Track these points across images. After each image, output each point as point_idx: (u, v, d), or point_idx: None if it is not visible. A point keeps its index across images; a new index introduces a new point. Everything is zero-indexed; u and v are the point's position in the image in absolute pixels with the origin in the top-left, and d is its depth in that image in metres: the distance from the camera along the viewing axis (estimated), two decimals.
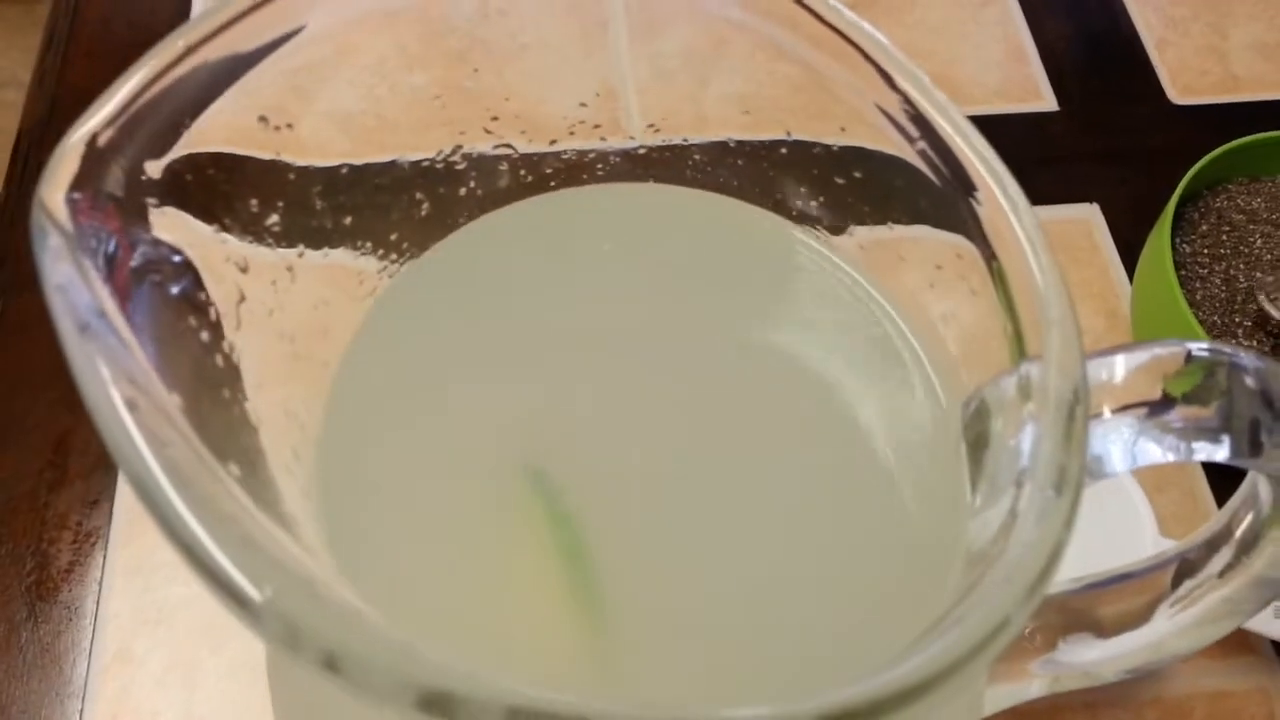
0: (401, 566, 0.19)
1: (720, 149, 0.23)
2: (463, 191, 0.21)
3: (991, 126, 0.51)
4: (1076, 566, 0.25)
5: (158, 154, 0.14)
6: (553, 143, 0.22)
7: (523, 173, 0.22)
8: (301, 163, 0.17)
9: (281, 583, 0.11)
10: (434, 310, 0.21)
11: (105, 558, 0.38)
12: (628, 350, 0.21)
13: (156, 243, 0.14)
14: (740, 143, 0.23)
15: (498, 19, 0.22)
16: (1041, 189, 0.47)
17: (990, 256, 0.18)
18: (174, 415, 0.12)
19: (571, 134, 0.22)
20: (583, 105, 0.24)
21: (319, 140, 0.17)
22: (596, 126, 0.24)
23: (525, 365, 0.21)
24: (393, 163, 0.19)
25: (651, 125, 0.25)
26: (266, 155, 0.16)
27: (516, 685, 0.11)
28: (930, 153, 0.18)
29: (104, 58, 0.51)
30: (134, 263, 0.13)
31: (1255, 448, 0.17)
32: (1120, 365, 0.17)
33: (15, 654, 0.36)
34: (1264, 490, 0.20)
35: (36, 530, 0.38)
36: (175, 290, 0.14)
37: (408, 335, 0.21)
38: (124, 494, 0.39)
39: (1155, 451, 0.17)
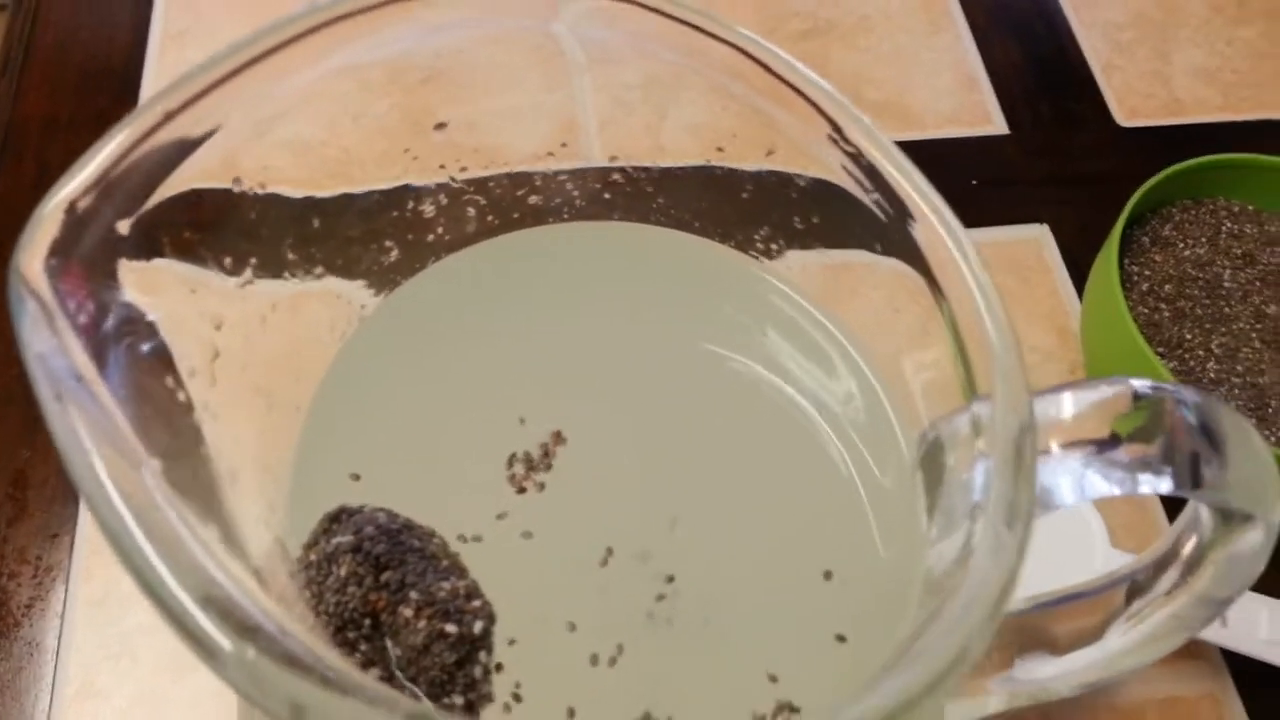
0: None
1: (681, 189, 0.24)
2: (430, 237, 0.21)
3: (944, 150, 0.52)
4: (1031, 579, 0.26)
5: (134, 217, 0.14)
6: (521, 187, 0.22)
7: (490, 217, 0.22)
8: (275, 213, 0.17)
9: (251, 639, 0.12)
10: (399, 350, 0.22)
11: (66, 592, 0.37)
12: (596, 395, 0.22)
13: (132, 305, 0.14)
14: (704, 183, 0.24)
15: (455, 55, 0.22)
16: (993, 210, 0.48)
17: (940, 298, 0.19)
18: (152, 478, 0.12)
19: (537, 177, 0.23)
20: (547, 138, 0.25)
21: (294, 187, 0.18)
22: (549, 154, 0.25)
23: (486, 406, 0.22)
24: (362, 210, 0.20)
25: (613, 156, 0.26)
26: (244, 209, 0.16)
27: None
28: (883, 200, 0.19)
29: (59, 86, 0.50)
30: (110, 325, 0.14)
31: (1196, 479, 0.18)
32: (1068, 403, 0.18)
33: None
34: (1205, 516, 0.20)
35: None
36: (150, 350, 0.14)
37: (375, 375, 0.21)
38: (85, 528, 0.39)
39: (1102, 485, 0.18)
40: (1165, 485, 0.18)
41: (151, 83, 0.50)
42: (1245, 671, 0.37)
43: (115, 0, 0.53)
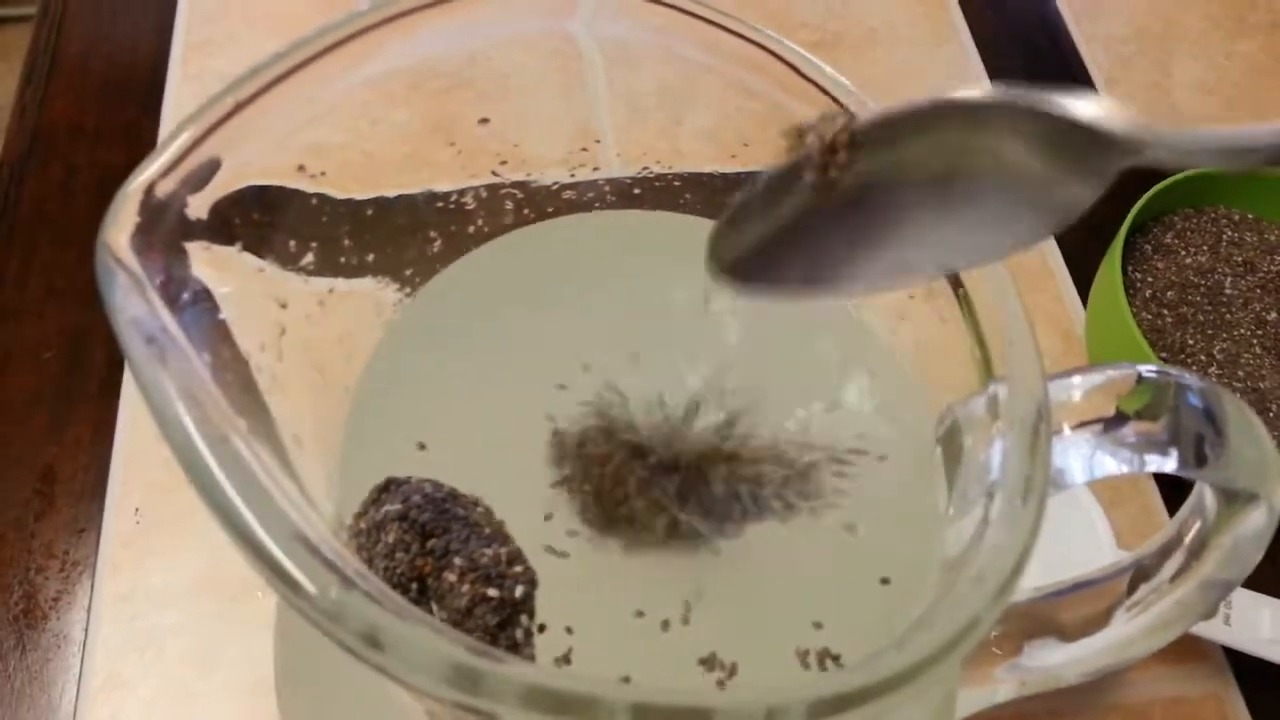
0: None
1: (708, 184, 0.25)
2: (471, 229, 0.22)
3: None
4: (1040, 580, 0.27)
5: (207, 199, 0.15)
6: (553, 185, 0.23)
7: (526, 210, 0.23)
8: (331, 205, 0.18)
9: (332, 574, 0.13)
10: (440, 332, 0.23)
11: (93, 586, 0.38)
12: (624, 365, 0.23)
13: (206, 280, 0.15)
14: (729, 178, 0.25)
15: (484, 63, 0.23)
16: None
17: (957, 285, 0.20)
18: (236, 432, 0.13)
19: (570, 170, 0.24)
20: (569, 140, 0.26)
21: (345, 183, 0.18)
22: (583, 150, 0.26)
23: (523, 383, 0.23)
24: (410, 202, 0.21)
25: (619, 155, 0.27)
26: (304, 198, 0.17)
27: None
28: None
29: (84, 92, 0.52)
30: (187, 297, 0.14)
31: (1200, 459, 0.19)
32: (1078, 386, 0.19)
33: (4, 682, 0.37)
34: (1209, 500, 0.21)
35: (24, 560, 0.39)
36: (225, 321, 0.15)
37: (417, 357, 0.22)
38: (111, 522, 0.40)
39: (1111, 464, 0.19)
40: (1171, 464, 0.19)
41: (175, 90, 0.51)
42: (1248, 671, 0.38)
43: (138, 10, 0.54)
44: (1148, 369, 0.19)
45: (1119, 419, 0.19)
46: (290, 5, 0.54)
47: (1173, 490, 0.41)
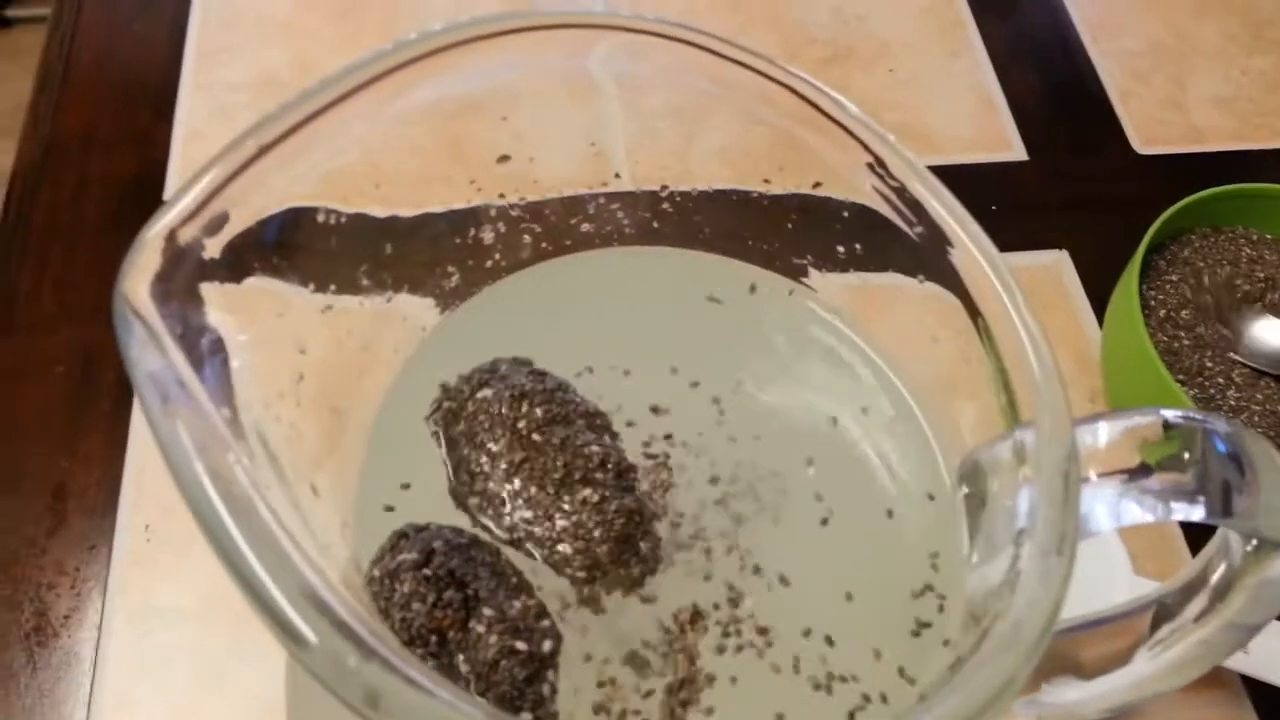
0: None
1: (726, 217, 0.25)
2: (489, 263, 0.22)
3: (963, 176, 0.53)
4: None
5: (223, 239, 0.15)
6: (571, 220, 0.23)
7: (544, 244, 0.23)
8: (349, 243, 0.18)
9: (340, 632, 0.12)
10: (459, 369, 0.22)
11: (104, 603, 0.38)
12: (644, 411, 0.22)
13: (226, 327, 0.15)
14: (747, 210, 0.24)
15: (503, 100, 0.23)
16: (1012, 236, 0.48)
17: (978, 320, 0.20)
18: (252, 485, 0.13)
19: (589, 205, 0.24)
20: (587, 175, 0.26)
21: (363, 220, 0.18)
22: (602, 184, 0.26)
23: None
24: (429, 238, 0.21)
25: (636, 189, 0.26)
26: (322, 237, 0.17)
27: None
28: (921, 227, 0.20)
29: (97, 101, 0.51)
30: (205, 344, 0.14)
31: (1228, 508, 0.18)
32: (1103, 432, 0.19)
33: (14, 700, 0.36)
34: (1235, 543, 0.21)
35: (35, 577, 0.39)
36: (241, 369, 0.15)
37: (432, 395, 0.22)
38: (122, 540, 0.39)
39: (1136, 512, 0.18)
40: (1198, 513, 0.18)
41: (187, 101, 0.51)
42: (1265, 699, 0.38)
43: (151, 18, 0.54)
44: (1174, 414, 0.19)
45: (1144, 468, 0.18)
46: (303, 16, 0.54)
47: None
